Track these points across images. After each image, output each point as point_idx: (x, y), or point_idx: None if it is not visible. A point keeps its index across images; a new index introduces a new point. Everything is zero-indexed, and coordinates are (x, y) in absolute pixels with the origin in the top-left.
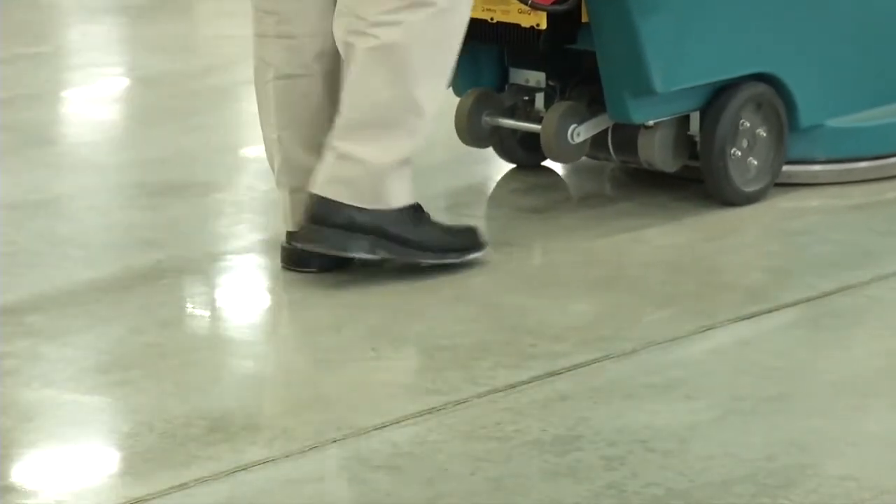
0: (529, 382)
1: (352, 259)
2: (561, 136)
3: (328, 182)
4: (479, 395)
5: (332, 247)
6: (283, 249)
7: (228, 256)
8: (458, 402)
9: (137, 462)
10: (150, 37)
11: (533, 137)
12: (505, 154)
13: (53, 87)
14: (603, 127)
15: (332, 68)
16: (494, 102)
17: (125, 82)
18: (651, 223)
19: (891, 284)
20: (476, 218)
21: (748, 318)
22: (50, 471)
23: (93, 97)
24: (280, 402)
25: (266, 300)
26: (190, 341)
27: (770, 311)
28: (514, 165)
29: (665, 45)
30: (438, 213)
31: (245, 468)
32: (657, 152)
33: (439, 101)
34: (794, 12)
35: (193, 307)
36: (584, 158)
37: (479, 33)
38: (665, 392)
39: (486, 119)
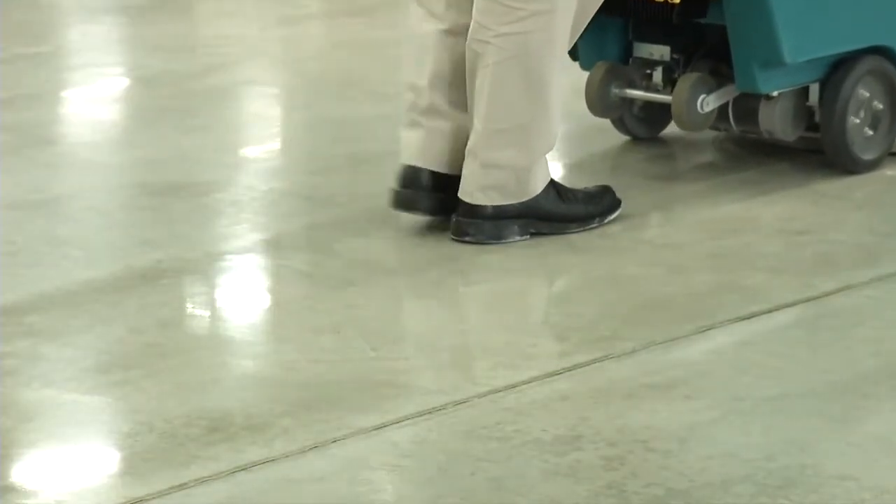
0: (529, 382)
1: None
2: (691, 106)
3: (479, 190)
4: (479, 395)
5: (487, 237)
6: (394, 193)
7: (228, 256)
8: (458, 402)
9: (137, 462)
10: (150, 37)
11: (650, 110)
12: (622, 126)
13: (53, 87)
14: (729, 97)
15: None
16: (622, 75)
17: (125, 82)
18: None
19: (891, 284)
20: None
21: (748, 318)
22: (50, 471)
23: (93, 97)
24: (280, 402)
25: (266, 300)
26: (190, 341)
27: (770, 311)
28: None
29: (794, 18)
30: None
31: (245, 468)
32: (778, 122)
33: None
34: None
35: (193, 307)
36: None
37: (611, 7)
38: (665, 392)
39: (615, 91)
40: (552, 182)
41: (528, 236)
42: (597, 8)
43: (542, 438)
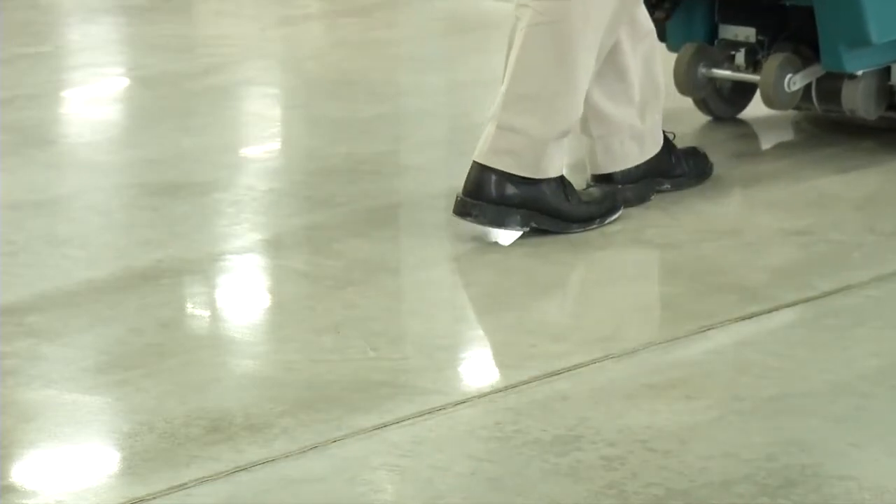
0: (529, 382)
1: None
2: (779, 85)
3: (492, 152)
4: (479, 395)
5: (487, 221)
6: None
7: (228, 256)
8: (458, 402)
9: (137, 462)
10: (150, 37)
11: (731, 91)
12: (704, 107)
13: (53, 87)
14: (815, 77)
15: None
16: (709, 55)
17: (125, 82)
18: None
19: (891, 284)
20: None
21: (748, 318)
22: (50, 471)
23: (93, 97)
24: (280, 402)
25: (266, 300)
26: (190, 341)
27: (770, 311)
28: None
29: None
30: None
31: (245, 468)
32: (860, 101)
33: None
34: None
35: (193, 307)
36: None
37: None
38: (665, 392)
39: (702, 71)
40: (562, 178)
41: (529, 229)
42: None
43: (542, 438)
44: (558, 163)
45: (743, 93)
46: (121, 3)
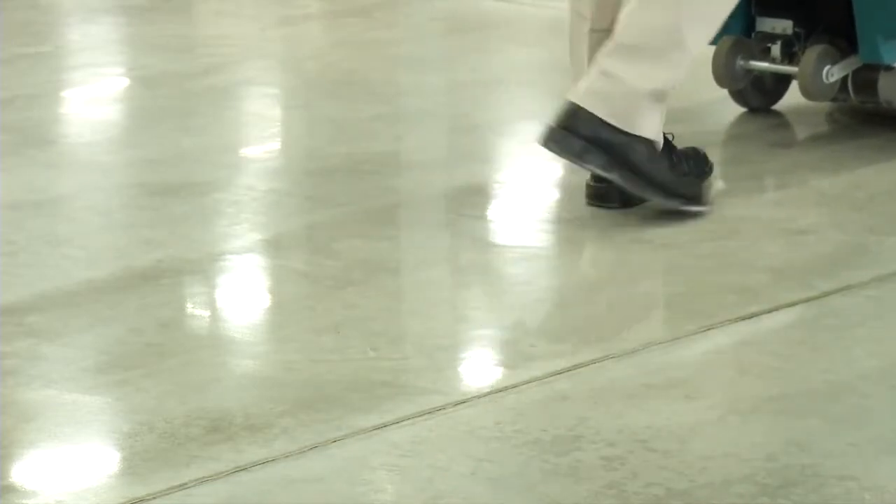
0: (529, 382)
1: (645, 200)
2: (817, 76)
3: (587, 93)
4: (479, 395)
5: (571, 153)
6: (588, 187)
7: (228, 256)
8: (458, 402)
9: (137, 462)
10: (150, 37)
11: (768, 82)
12: (740, 98)
13: (53, 87)
14: (852, 68)
15: None
16: (747, 48)
17: (125, 82)
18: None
19: (891, 284)
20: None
21: (748, 318)
22: (50, 471)
23: (93, 97)
24: (280, 402)
25: (266, 300)
26: (190, 341)
27: (770, 311)
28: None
29: None
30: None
31: (245, 468)
32: None
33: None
34: None
35: (193, 307)
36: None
37: None
38: (665, 392)
39: (741, 63)
40: (666, 146)
41: (610, 175)
42: None
43: (542, 438)
44: (655, 125)
45: (779, 84)
46: (121, 3)
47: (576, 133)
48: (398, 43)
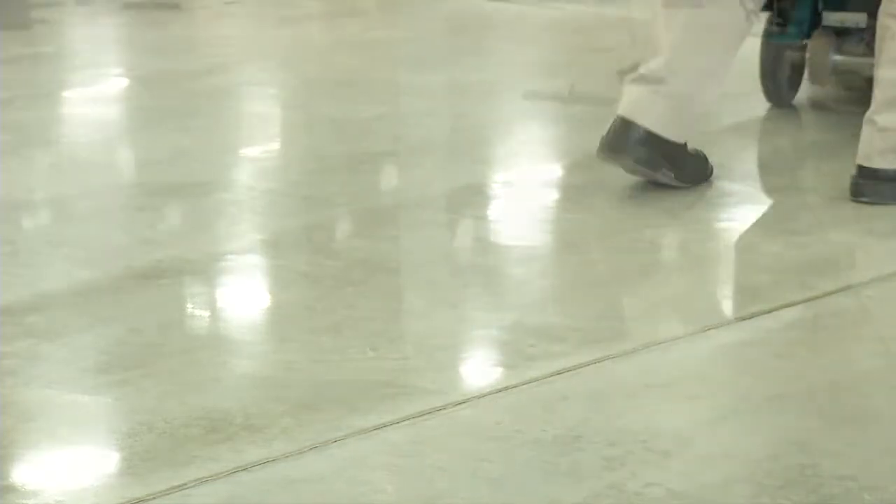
0: (529, 382)
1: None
2: None
3: (878, 154)
4: (479, 395)
5: (884, 199)
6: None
7: (228, 256)
8: (458, 402)
9: (137, 462)
10: (150, 37)
11: (797, 78)
12: (775, 96)
13: (53, 87)
14: None
15: None
16: (837, 44)
17: (125, 82)
18: None
19: (891, 284)
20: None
21: (748, 318)
22: (50, 471)
23: (93, 97)
24: (280, 402)
25: (266, 300)
26: (190, 341)
27: (770, 311)
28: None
29: None
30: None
31: (245, 468)
32: None
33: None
34: None
35: (193, 307)
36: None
37: None
38: (665, 392)
39: (835, 58)
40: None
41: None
42: None
43: (542, 438)
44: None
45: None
46: (121, 3)
47: (883, 179)
48: (398, 43)
